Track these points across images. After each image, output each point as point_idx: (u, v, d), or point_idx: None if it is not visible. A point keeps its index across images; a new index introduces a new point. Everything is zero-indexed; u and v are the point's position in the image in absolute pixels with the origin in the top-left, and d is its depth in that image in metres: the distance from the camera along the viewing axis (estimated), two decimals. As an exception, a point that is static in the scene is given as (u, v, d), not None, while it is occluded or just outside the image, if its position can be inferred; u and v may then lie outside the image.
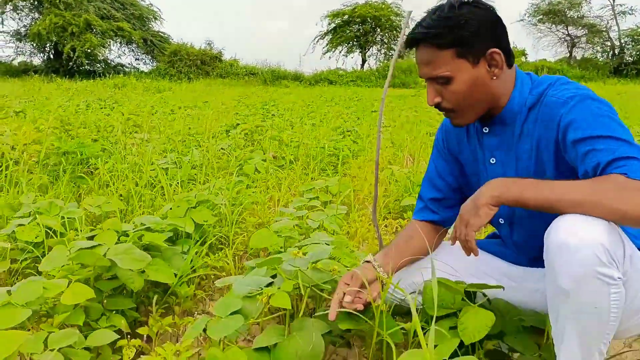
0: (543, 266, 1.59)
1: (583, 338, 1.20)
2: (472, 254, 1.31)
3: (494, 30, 1.38)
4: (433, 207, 1.70)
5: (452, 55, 1.36)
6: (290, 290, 1.49)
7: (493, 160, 1.52)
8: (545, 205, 1.21)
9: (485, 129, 1.51)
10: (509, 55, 1.41)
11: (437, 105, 1.44)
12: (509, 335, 1.46)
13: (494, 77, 1.39)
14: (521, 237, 1.56)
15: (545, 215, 1.24)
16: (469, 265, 1.58)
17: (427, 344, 1.10)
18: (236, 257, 2.43)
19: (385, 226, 3.10)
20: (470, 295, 1.52)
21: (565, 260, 1.14)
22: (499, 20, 1.39)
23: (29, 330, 1.53)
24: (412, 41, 1.41)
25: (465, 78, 1.38)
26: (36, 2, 30.96)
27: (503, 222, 1.57)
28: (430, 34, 1.35)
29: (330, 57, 47.24)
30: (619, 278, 1.14)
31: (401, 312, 1.66)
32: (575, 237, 1.13)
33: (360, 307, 1.43)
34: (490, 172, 1.52)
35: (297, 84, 29.18)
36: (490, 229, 1.81)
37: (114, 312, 1.69)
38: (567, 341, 1.22)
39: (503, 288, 1.52)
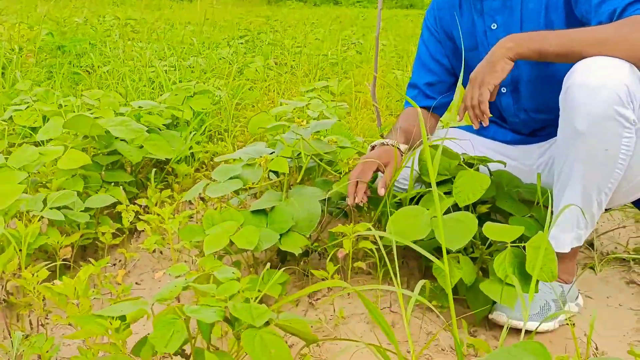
0: (540, 141, 1.59)
1: (587, 183, 1.20)
2: (480, 123, 1.28)
3: None
4: (428, 91, 1.66)
5: None
6: (289, 155, 1.48)
7: (494, 26, 1.47)
8: (567, 52, 1.17)
9: None
10: None
11: None
12: (501, 200, 1.47)
13: None
14: (527, 103, 1.52)
15: (552, 78, 1.22)
16: (467, 149, 1.57)
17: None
18: (235, 147, 2.43)
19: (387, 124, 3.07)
20: (470, 166, 1.51)
21: (585, 100, 1.13)
22: None
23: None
24: None
25: None
26: None
27: (505, 90, 1.53)
28: None
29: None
30: (634, 121, 1.14)
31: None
32: (598, 77, 1.11)
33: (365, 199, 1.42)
34: (491, 39, 1.47)
35: (301, 4, 28.32)
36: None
37: (113, 184, 1.70)
38: (570, 187, 1.22)
39: (505, 164, 1.51)
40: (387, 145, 1.50)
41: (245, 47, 5.23)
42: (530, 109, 1.52)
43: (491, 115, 1.31)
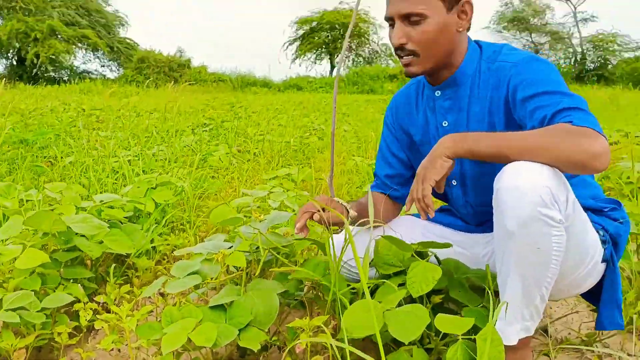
0: (490, 230, 1.67)
1: (526, 280, 1.26)
2: (427, 214, 1.34)
3: None
4: (388, 182, 1.75)
5: None
6: (246, 249, 1.52)
7: (445, 124, 1.56)
8: (495, 154, 1.25)
9: (438, 93, 1.55)
10: (470, 21, 1.48)
11: (401, 48, 1.46)
12: (454, 290, 1.52)
13: (459, 30, 1.45)
14: (473, 197, 1.61)
15: (492, 175, 1.30)
16: (419, 236, 1.64)
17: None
18: (197, 238, 2.45)
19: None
20: (421, 256, 1.57)
21: (512, 203, 1.20)
22: None
23: (-17, 296, 1.53)
24: None
25: (438, 21, 1.42)
26: (-1, 7, 30.34)
27: (455, 183, 1.62)
28: None
29: (300, 65, 47.45)
30: (560, 220, 1.21)
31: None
32: (522, 181, 1.19)
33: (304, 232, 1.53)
34: (442, 135, 1.57)
35: (266, 90, 29.17)
36: (438, 204, 1.86)
37: (72, 280, 1.70)
38: (510, 283, 1.28)
39: (451, 245, 1.57)
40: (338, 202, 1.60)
41: (209, 135, 5.35)
42: (475, 203, 1.61)
43: (438, 207, 1.39)
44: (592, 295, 1.53)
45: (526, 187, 1.19)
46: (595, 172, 1.24)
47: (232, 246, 1.63)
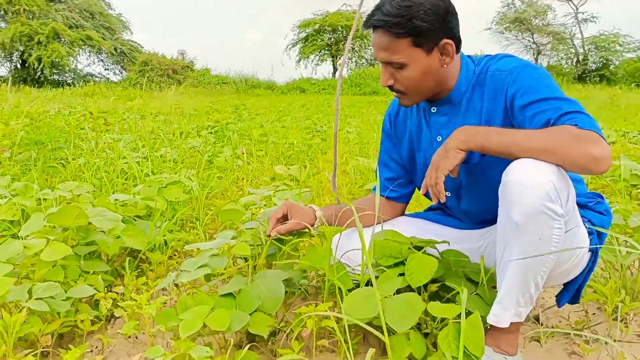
0: (484, 226, 1.78)
1: (524, 267, 1.36)
2: (438, 200, 1.44)
3: (448, 22, 1.48)
4: (389, 185, 1.85)
5: (408, 43, 1.47)
6: (249, 238, 1.63)
7: (439, 139, 1.64)
8: (505, 152, 1.34)
9: (433, 109, 1.64)
10: (459, 43, 1.54)
11: (390, 87, 1.56)
12: (450, 279, 1.63)
13: (445, 65, 1.52)
14: (467, 205, 1.72)
15: (490, 186, 1.40)
16: (415, 233, 1.74)
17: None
18: (207, 235, 2.56)
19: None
20: (419, 249, 1.67)
21: (519, 196, 1.29)
22: (452, 10, 1.50)
23: (10, 287, 1.64)
24: (370, 25, 1.50)
25: (419, 65, 1.49)
26: (2, 11, 30.50)
27: (450, 194, 1.71)
28: (390, 23, 1.44)
29: (305, 67, 47.51)
30: (561, 214, 1.31)
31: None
32: (529, 176, 1.28)
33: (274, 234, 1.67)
34: (436, 149, 1.61)
35: (269, 92, 29.32)
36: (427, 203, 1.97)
37: (91, 273, 1.81)
38: (510, 271, 1.38)
39: (449, 243, 1.68)
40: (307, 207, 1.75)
41: (214, 137, 5.46)
42: (470, 210, 1.72)
43: (449, 194, 1.56)
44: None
45: (533, 182, 1.28)
46: (597, 174, 1.33)
47: (238, 240, 1.74)
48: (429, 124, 1.67)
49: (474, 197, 1.68)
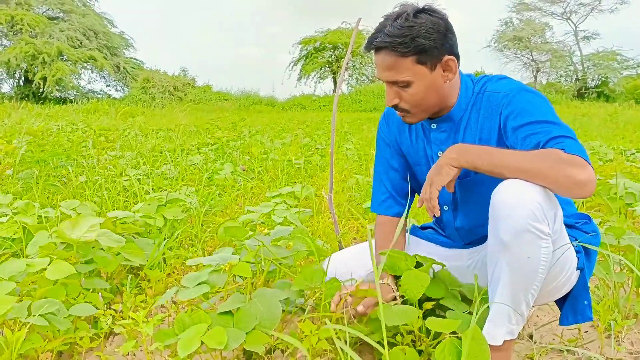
0: (473, 246, 1.82)
1: (515, 286, 1.39)
2: (433, 214, 1.47)
3: (448, 39, 1.53)
4: (394, 194, 1.85)
5: (413, 62, 1.51)
6: (250, 260, 1.66)
7: (440, 154, 1.68)
8: (495, 172, 1.39)
9: (433, 125, 1.68)
10: (458, 59, 1.58)
11: (395, 106, 1.60)
12: (446, 298, 1.66)
13: (447, 81, 1.56)
14: (462, 221, 1.75)
15: (484, 202, 1.43)
16: (405, 250, 1.77)
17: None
18: (205, 252, 2.59)
19: (348, 228, 3.29)
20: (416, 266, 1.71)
21: (507, 216, 1.33)
22: (451, 28, 1.55)
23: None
24: (374, 46, 1.53)
25: (423, 82, 1.53)
26: (5, 30, 30.77)
27: (447, 208, 1.76)
28: (394, 43, 1.48)
29: (305, 83, 47.78)
30: (548, 234, 1.35)
31: None
32: (517, 197, 1.32)
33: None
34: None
35: (270, 109, 29.47)
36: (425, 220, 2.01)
37: (91, 290, 1.84)
38: (500, 288, 1.41)
39: (444, 266, 1.71)
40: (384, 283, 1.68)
41: (215, 154, 5.50)
42: (463, 227, 1.75)
43: (446, 208, 1.62)
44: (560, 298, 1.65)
45: (518, 202, 1.32)
46: (579, 198, 1.37)
47: (238, 258, 1.76)
48: (429, 140, 1.71)
49: (469, 212, 1.72)
